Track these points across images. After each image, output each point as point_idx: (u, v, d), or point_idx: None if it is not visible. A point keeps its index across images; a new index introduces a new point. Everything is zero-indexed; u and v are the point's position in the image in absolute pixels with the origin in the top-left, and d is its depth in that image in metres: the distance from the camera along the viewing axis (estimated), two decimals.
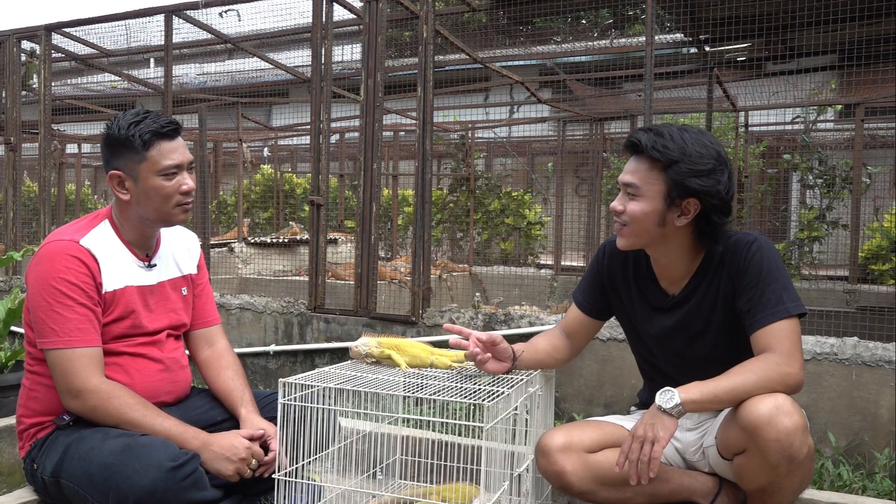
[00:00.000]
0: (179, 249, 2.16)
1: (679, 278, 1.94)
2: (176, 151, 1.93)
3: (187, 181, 1.95)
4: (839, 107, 7.44)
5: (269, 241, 8.02)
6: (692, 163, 1.77)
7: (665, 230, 1.84)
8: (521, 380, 1.94)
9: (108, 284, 1.91)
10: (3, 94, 5.33)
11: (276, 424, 1.88)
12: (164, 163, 1.90)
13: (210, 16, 5.42)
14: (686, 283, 1.93)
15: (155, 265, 2.05)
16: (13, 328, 3.21)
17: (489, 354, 1.97)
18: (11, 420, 2.16)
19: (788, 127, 7.82)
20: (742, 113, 7.21)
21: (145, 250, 2.04)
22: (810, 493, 2.03)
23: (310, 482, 1.93)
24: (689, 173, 1.76)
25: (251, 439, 1.91)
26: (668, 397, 1.70)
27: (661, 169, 1.79)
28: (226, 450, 1.85)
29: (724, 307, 1.88)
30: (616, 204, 1.87)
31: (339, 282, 5.83)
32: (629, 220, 1.85)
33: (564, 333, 2.16)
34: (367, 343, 2.07)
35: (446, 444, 2.35)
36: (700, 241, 1.88)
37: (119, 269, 1.95)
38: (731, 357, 1.80)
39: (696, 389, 1.71)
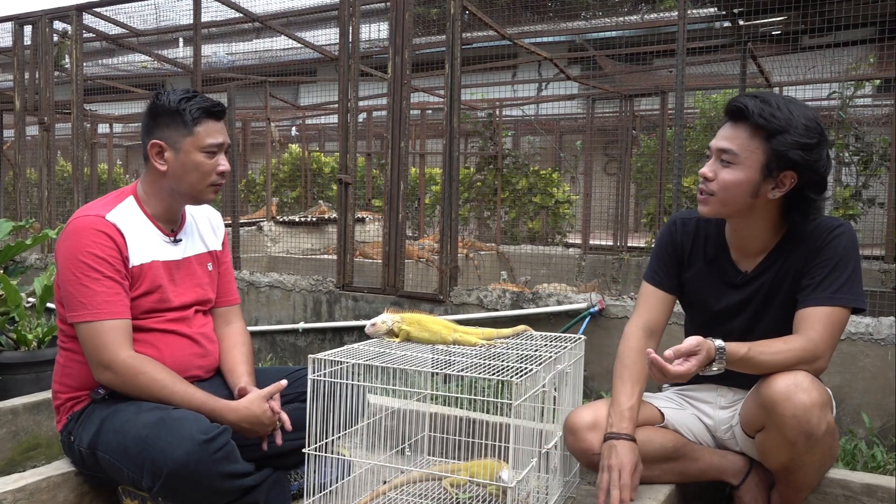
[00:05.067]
0: (204, 225, 2.19)
1: (755, 254, 1.90)
2: (219, 132, 1.99)
3: (224, 162, 2.01)
4: (877, 82, 7.24)
5: (297, 219, 8.07)
6: (798, 135, 1.71)
7: (755, 202, 1.79)
8: (550, 357, 1.94)
9: (135, 259, 1.94)
10: (37, 75, 5.40)
11: (305, 400, 1.90)
12: (208, 140, 1.96)
13: None
14: (761, 259, 1.89)
15: (181, 240, 2.08)
16: (48, 304, 3.28)
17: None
18: (49, 394, 2.22)
19: (824, 103, 7.64)
20: (776, 89, 7.06)
21: (171, 225, 2.07)
22: (843, 473, 2.00)
23: (339, 457, 1.95)
24: (794, 145, 1.71)
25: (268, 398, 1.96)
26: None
27: (764, 138, 1.73)
28: (247, 405, 1.91)
29: (791, 286, 1.85)
30: (706, 170, 1.81)
31: (366, 260, 5.85)
32: (718, 189, 1.79)
33: (648, 332, 1.97)
34: (384, 320, 2.08)
35: (474, 421, 2.36)
36: (787, 217, 1.83)
37: (145, 243, 1.97)
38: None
39: (742, 350, 1.70)
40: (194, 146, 1.95)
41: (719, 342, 1.68)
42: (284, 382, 1.97)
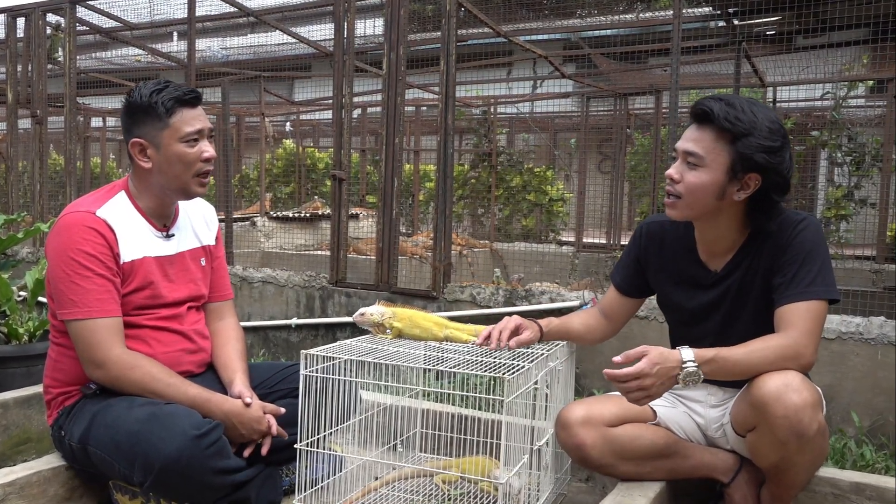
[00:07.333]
0: (198, 220, 2.17)
1: (723, 253, 1.91)
2: (197, 119, 1.95)
3: (208, 148, 1.97)
4: (871, 82, 7.27)
5: (290, 215, 8.06)
6: (762, 137, 1.73)
7: (721, 204, 1.81)
8: (542, 354, 1.94)
9: (126, 255, 1.92)
10: (30, 68, 5.37)
11: (297, 396, 1.90)
12: (186, 129, 1.92)
13: None
14: (730, 259, 1.90)
15: (173, 235, 2.06)
16: (40, 299, 3.27)
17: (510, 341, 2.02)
18: (40, 388, 2.21)
19: (818, 103, 7.66)
20: (770, 88, 7.08)
21: (163, 220, 2.05)
22: (832, 472, 2.01)
23: (331, 452, 1.95)
24: (758, 148, 1.72)
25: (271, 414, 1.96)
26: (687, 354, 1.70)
27: (729, 141, 1.75)
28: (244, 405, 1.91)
29: (762, 284, 1.86)
30: (672, 172, 1.83)
31: (360, 257, 5.85)
32: (685, 191, 1.80)
33: (602, 313, 2.19)
34: (373, 312, 2.09)
35: (466, 418, 2.36)
36: (751, 218, 1.85)
37: (136, 239, 1.96)
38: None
39: (711, 352, 1.71)
40: (173, 138, 1.91)
41: (686, 352, 1.69)
42: (283, 410, 1.97)
